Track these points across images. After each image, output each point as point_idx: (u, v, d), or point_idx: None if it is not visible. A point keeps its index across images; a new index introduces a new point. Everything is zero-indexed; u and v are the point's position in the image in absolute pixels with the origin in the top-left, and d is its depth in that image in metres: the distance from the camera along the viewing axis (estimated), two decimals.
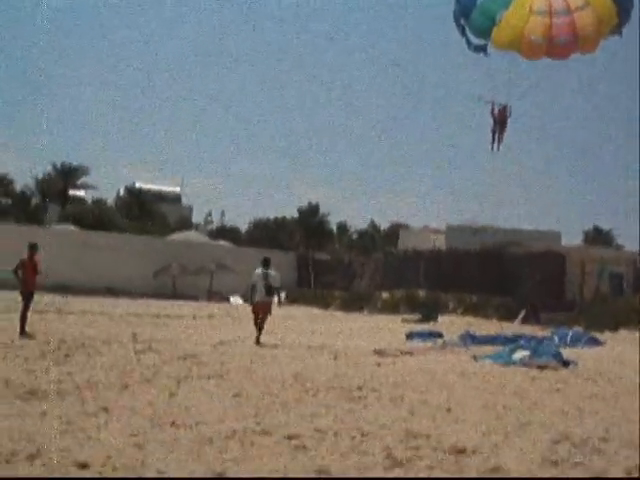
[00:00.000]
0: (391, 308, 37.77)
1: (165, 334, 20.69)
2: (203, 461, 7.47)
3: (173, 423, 9.01)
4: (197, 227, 76.00)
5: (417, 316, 33.45)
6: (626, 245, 65.17)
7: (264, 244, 59.51)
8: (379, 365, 16.22)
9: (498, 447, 8.49)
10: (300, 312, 34.90)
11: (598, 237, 75.07)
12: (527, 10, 24.95)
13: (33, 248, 19.37)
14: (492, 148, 27.07)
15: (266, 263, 20.86)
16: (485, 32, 25.42)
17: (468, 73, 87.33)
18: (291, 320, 29.57)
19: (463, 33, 26.32)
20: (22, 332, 18.15)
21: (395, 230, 72.65)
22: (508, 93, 26.10)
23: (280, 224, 75.65)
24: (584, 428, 9.76)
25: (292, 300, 41.98)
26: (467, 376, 14.91)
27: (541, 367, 17.20)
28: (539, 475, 7.48)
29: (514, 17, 24.99)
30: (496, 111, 26.29)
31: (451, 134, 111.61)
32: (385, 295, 39.70)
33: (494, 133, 26.52)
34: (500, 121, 26.15)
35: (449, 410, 10.78)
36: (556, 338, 24.19)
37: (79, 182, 68.26)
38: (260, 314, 20.34)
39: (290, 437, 8.54)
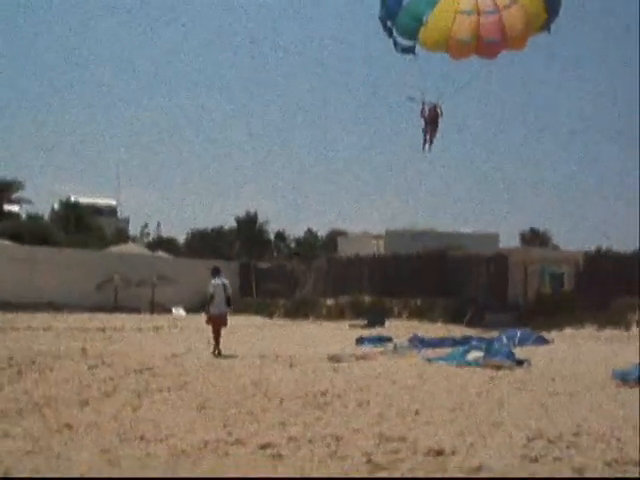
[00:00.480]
0: (336, 314, 37.76)
1: (115, 347, 20.30)
2: (181, 473, 7.29)
3: (142, 437, 8.79)
4: (134, 239, 75.02)
5: (364, 321, 33.47)
6: (561, 245, 66.07)
7: (203, 254, 59.05)
8: (336, 371, 16.13)
9: (475, 447, 8.46)
10: (245, 321, 34.58)
11: (535, 238, 76.07)
12: (454, 10, 24.74)
13: None
14: (424, 148, 26.67)
15: (217, 272, 20.50)
16: (412, 33, 25.25)
17: (399, 75, 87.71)
18: (238, 330, 29.22)
19: (390, 35, 26.05)
20: None
21: (334, 237, 72.60)
22: (439, 92, 25.85)
23: (218, 234, 75.12)
24: (555, 425, 9.79)
25: (236, 310, 41.67)
26: (426, 378, 14.93)
27: (496, 367, 17.31)
28: (522, 473, 7.46)
29: (441, 17, 24.82)
30: (426, 111, 25.89)
31: (386, 137, 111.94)
32: (329, 302, 39.65)
33: (425, 133, 26.13)
34: (431, 120, 25.77)
35: (417, 412, 10.74)
36: (504, 338, 24.29)
37: (14, 197, 66.75)
38: (219, 325, 19.91)
39: (264, 446, 8.38)
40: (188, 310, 42.13)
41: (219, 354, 19.25)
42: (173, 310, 41.48)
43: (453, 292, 37.43)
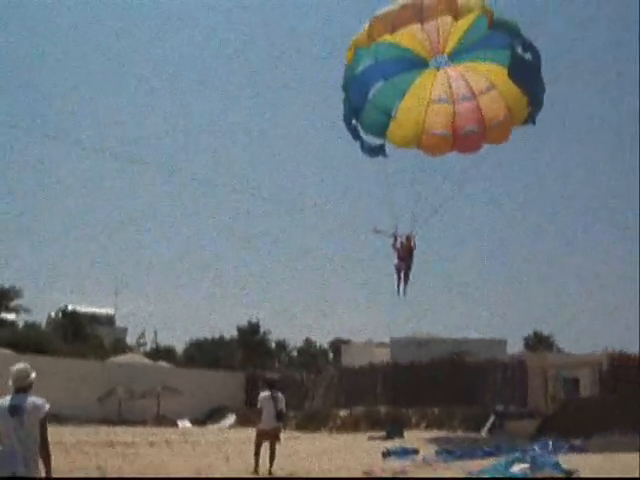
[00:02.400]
0: (351, 426, 36.26)
1: (132, 466, 18.87)
2: None
3: None
4: (133, 349, 73.64)
5: (382, 433, 32.03)
6: (566, 349, 64.79)
7: (203, 364, 57.77)
8: None
9: None
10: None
11: (539, 342, 74.78)
12: (426, 99, 22.44)
13: None
14: (399, 292, 23.39)
15: (272, 385, 18.85)
16: (381, 129, 22.97)
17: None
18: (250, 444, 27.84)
19: (356, 135, 23.56)
20: None
21: (337, 346, 71.44)
22: (413, 217, 22.33)
23: (218, 343, 73.66)
24: None
25: (242, 422, 40.16)
26: None
27: (547, 479, 16.18)
28: None
29: (412, 109, 22.52)
30: (398, 243, 22.81)
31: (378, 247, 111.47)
32: (343, 412, 38.14)
33: (399, 271, 23.05)
34: (404, 255, 22.82)
35: None
36: (536, 447, 23.03)
37: (11, 305, 65.59)
38: (268, 441, 17.98)
39: None
40: (194, 422, 40.63)
41: (269, 472, 17.52)
42: (179, 423, 39.88)
43: (470, 400, 36.17)
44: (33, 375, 8.24)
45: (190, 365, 58.83)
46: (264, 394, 18.18)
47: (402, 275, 23.16)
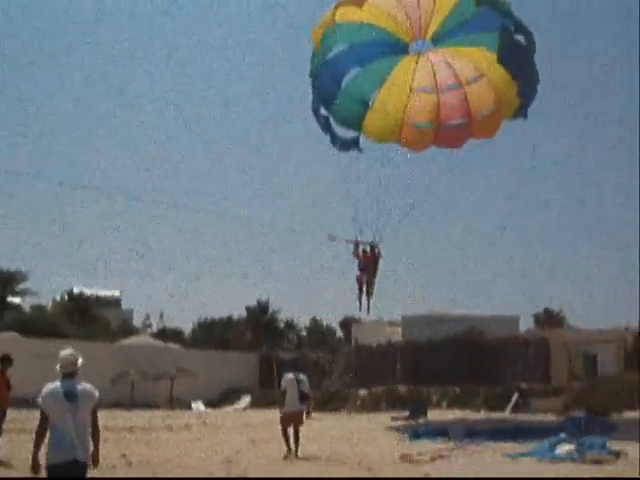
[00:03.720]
0: (372, 406, 35.39)
1: (156, 452, 17.98)
2: None
3: None
4: (139, 331, 72.93)
5: (405, 413, 31.13)
6: (578, 325, 63.98)
7: (211, 345, 57.06)
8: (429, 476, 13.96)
9: None
10: (275, 416, 32.24)
11: (550, 319, 73.98)
12: (407, 88, 20.13)
13: (6, 361, 16.48)
14: (360, 308, 22.25)
15: (296, 367, 18.20)
16: (356, 121, 20.60)
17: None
18: (273, 426, 27.04)
19: (326, 127, 21.36)
20: None
21: (347, 324, 70.60)
22: (378, 226, 20.46)
23: (226, 324, 72.84)
24: None
25: (257, 403, 39.40)
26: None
27: (595, 461, 15.32)
28: None
29: (391, 98, 20.20)
30: (360, 250, 21.47)
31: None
32: (363, 392, 37.27)
33: (360, 284, 21.63)
34: (366, 265, 21.40)
35: None
36: (569, 425, 22.12)
37: (18, 288, 64.65)
38: (293, 424, 17.16)
39: None
40: (207, 404, 39.83)
41: (295, 455, 16.71)
42: (193, 405, 39.09)
43: (490, 378, 35.30)
44: (80, 361, 8.23)
45: (199, 346, 58.02)
46: (288, 376, 17.37)
47: (364, 288, 21.64)
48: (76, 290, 71.74)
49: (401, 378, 38.04)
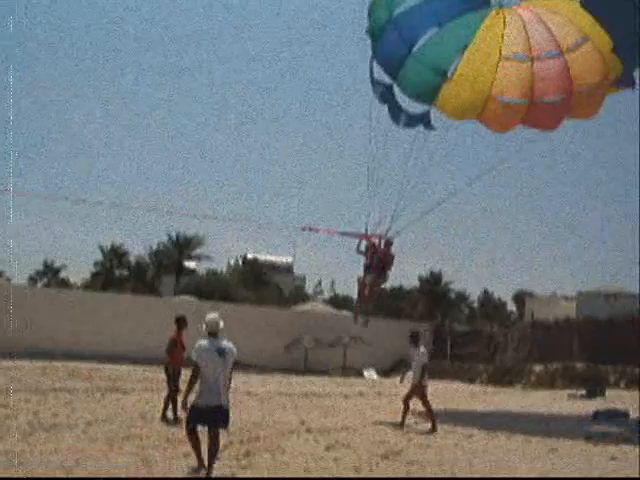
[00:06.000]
0: (547, 382, 34.03)
1: (335, 420, 17.68)
2: None
3: None
4: (311, 297, 73.75)
5: (582, 392, 29.71)
6: None
7: (383, 314, 56.64)
8: None
9: None
10: (450, 387, 31.64)
11: None
12: (496, 55, 16.77)
13: (182, 322, 16.57)
14: (355, 320, 21.19)
15: (415, 339, 17.40)
16: (428, 93, 17.20)
17: None
18: (453, 396, 26.47)
19: (387, 98, 17.89)
20: (168, 417, 15.44)
21: (521, 298, 68.88)
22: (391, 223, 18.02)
23: (397, 293, 72.42)
24: None
25: (429, 374, 38.67)
26: None
27: None
28: None
29: (476, 66, 16.79)
30: (363, 246, 18.86)
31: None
32: (538, 368, 35.92)
33: (363, 287, 19.56)
34: (378, 264, 18.74)
35: None
36: None
37: (194, 253, 66.30)
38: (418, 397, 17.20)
39: None
40: (378, 373, 39.50)
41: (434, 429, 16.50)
42: (365, 373, 38.89)
43: None
44: (222, 323, 10.18)
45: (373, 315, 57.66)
46: (422, 350, 17.03)
47: (367, 292, 19.65)
48: (250, 255, 73.25)
49: (578, 355, 36.38)
